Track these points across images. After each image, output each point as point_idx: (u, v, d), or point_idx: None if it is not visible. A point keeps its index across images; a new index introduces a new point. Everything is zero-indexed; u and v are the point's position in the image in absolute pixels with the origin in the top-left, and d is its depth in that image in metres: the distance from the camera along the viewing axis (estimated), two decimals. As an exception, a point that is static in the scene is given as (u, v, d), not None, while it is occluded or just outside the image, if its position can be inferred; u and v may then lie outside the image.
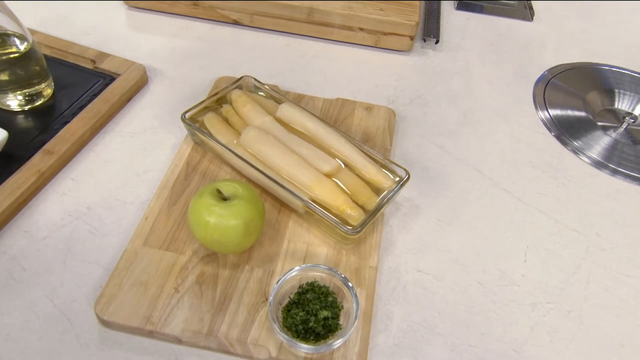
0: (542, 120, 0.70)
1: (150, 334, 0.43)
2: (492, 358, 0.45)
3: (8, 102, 0.59)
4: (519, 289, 0.51)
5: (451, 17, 0.88)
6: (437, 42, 0.80)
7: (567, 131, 0.69)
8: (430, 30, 0.81)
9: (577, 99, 0.74)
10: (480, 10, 0.90)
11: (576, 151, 0.66)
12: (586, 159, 0.65)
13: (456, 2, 0.91)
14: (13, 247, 0.49)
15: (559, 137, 0.68)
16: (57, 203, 0.53)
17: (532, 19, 0.89)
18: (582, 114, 0.72)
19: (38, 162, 0.53)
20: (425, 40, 0.80)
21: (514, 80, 0.76)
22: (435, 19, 0.84)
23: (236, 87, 0.60)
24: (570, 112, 0.72)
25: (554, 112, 0.71)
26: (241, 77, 0.61)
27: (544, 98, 0.73)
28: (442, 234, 0.55)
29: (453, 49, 0.80)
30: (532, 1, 0.93)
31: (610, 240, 0.56)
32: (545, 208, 0.59)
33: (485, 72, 0.77)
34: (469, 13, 0.89)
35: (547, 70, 0.78)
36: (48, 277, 0.47)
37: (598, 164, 0.65)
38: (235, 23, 0.78)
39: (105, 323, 0.44)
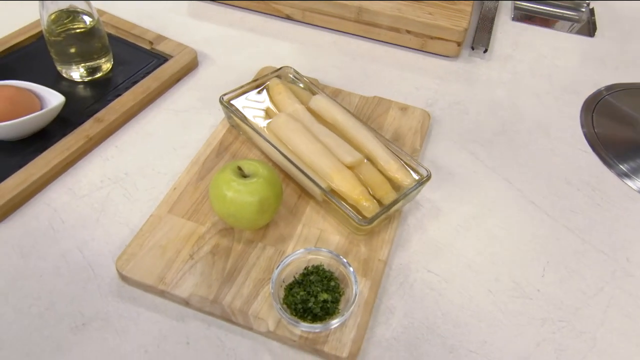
0: (587, 139, 0.67)
1: (162, 294, 0.46)
2: (490, 366, 0.45)
3: (71, 73, 0.65)
4: (531, 303, 0.49)
5: (506, 27, 0.86)
6: (485, 50, 0.78)
7: (612, 153, 0.66)
8: (481, 38, 0.80)
9: (630, 120, 0.71)
10: (538, 23, 0.88)
11: (620, 175, 0.63)
12: (631, 184, 0.62)
13: (513, 13, 0.89)
14: (56, 201, 0.54)
15: (602, 158, 0.65)
16: (100, 167, 0.57)
17: (594, 35, 0.85)
18: (633, 136, 0.69)
19: (88, 128, 0.59)
20: (473, 49, 0.79)
21: (563, 94, 0.73)
22: (488, 28, 0.83)
23: (275, 76, 0.63)
24: (619, 134, 0.69)
25: (601, 131, 0.68)
26: (281, 67, 0.64)
27: (592, 116, 0.70)
28: (459, 238, 0.54)
29: (502, 59, 0.79)
30: (595, 14, 0.89)
31: (641, 267, 0.53)
32: (574, 226, 0.56)
33: (533, 84, 0.75)
34: (525, 25, 0.87)
35: (602, 88, 0.75)
36: (82, 231, 0.51)
37: (643, 190, 0.61)
38: (288, 18, 0.81)
39: (123, 278, 0.47)
